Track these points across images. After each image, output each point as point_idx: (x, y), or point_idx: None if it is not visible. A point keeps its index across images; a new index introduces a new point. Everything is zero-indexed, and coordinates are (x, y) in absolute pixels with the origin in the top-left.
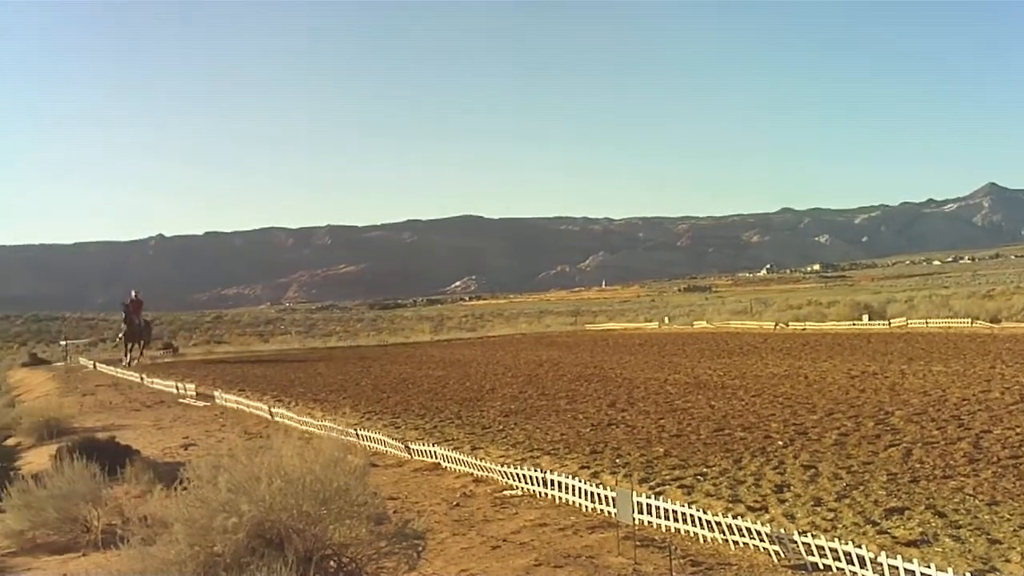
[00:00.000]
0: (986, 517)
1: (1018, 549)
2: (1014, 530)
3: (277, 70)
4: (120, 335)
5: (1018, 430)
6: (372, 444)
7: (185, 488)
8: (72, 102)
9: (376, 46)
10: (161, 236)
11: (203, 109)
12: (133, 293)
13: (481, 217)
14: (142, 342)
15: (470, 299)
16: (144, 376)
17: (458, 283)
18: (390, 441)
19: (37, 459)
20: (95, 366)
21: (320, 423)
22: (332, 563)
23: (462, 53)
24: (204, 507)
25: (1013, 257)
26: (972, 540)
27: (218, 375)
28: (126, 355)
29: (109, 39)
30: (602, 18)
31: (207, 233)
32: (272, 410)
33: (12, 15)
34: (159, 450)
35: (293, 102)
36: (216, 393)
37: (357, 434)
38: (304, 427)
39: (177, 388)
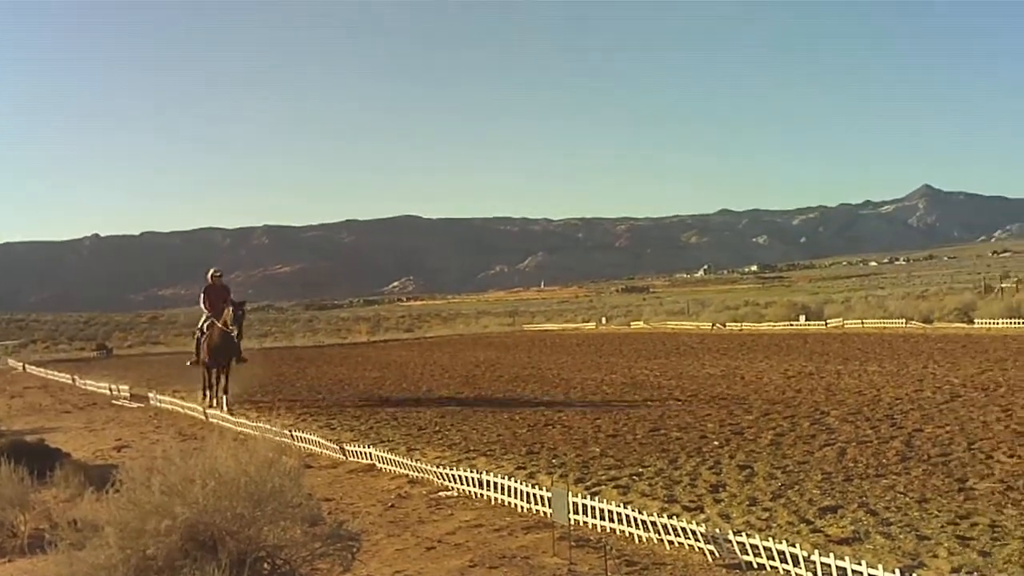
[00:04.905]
0: (916, 514)
1: (945, 545)
2: (942, 526)
3: (211, 68)
4: (197, 355)
5: (948, 429)
6: (307, 445)
7: (117, 491)
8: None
9: (309, 45)
10: (96, 236)
11: (138, 107)
12: (214, 274)
13: (419, 217)
14: (229, 367)
15: (408, 299)
16: (76, 377)
17: (396, 283)
18: (325, 442)
19: None
20: (24, 368)
21: (255, 424)
22: (266, 565)
23: (396, 54)
24: (136, 510)
25: (946, 258)
26: (902, 537)
27: (153, 376)
28: (207, 389)
29: (37, 32)
30: (531, 14)
31: (143, 233)
32: (207, 411)
33: None
34: (90, 452)
35: (229, 101)
36: (150, 394)
37: (292, 435)
38: (239, 428)
39: (110, 389)
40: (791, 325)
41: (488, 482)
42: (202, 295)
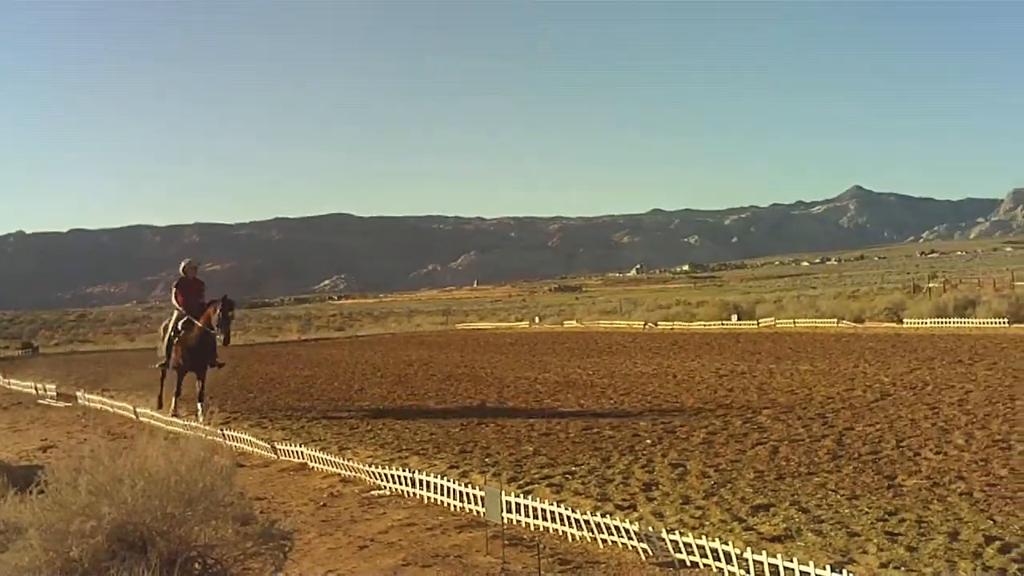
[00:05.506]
0: (846, 511)
1: (875, 541)
2: (872, 523)
3: (142, 66)
4: (163, 360)
5: (878, 427)
6: (238, 444)
7: (42, 492)
8: None
9: (240, 49)
10: (21, 233)
11: (65, 103)
12: (188, 266)
13: (351, 215)
14: (206, 372)
15: (339, 298)
16: (0, 376)
17: (327, 282)
18: (256, 441)
19: None
20: None
21: (185, 423)
22: (197, 565)
23: (325, 56)
24: (62, 511)
25: (876, 258)
26: (833, 534)
27: (81, 374)
28: (173, 396)
29: None
30: (470, 18)
31: (72, 230)
32: (137, 410)
33: None
34: (14, 453)
35: (159, 100)
36: (78, 393)
37: (223, 434)
38: (170, 427)
39: (36, 388)
40: (723, 324)
41: (421, 481)
42: (174, 290)
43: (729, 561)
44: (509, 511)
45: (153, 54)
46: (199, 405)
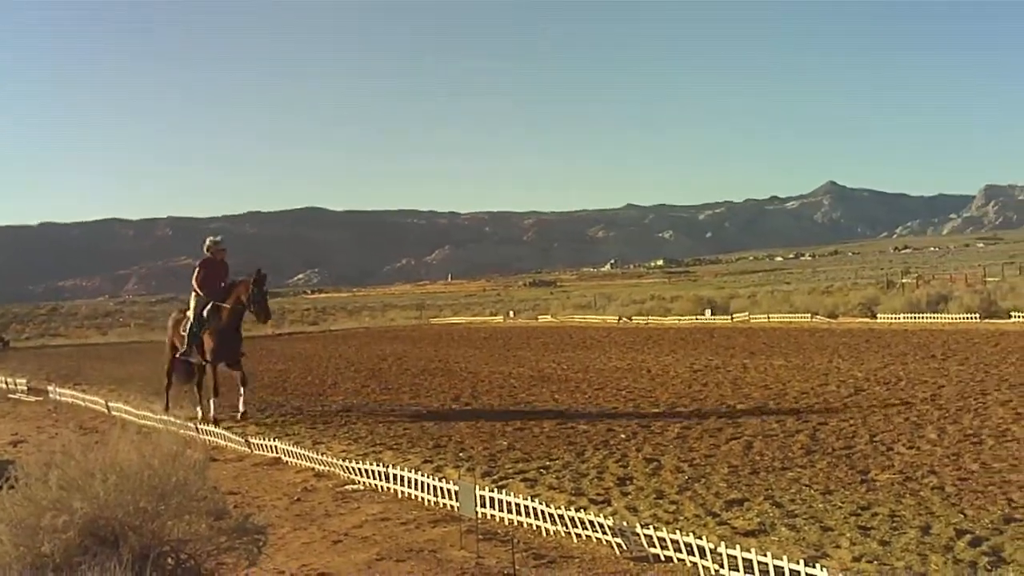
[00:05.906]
0: (820, 506)
1: (848, 535)
2: (845, 517)
3: (117, 62)
4: (190, 350)
5: (851, 422)
6: (212, 439)
7: (12, 487)
8: None
9: (211, 49)
10: None
11: (36, 95)
12: (215, 245)
13: (324, 209)
14: (240, 359)
15: (312, 292)
16: None
17: (300, 276)
18: (230, 436)
19: None
20: None
21: (159, 417)
22: (170, 560)
23: (295, 50)
24: (32, 506)
25: (850, 254)
26: (806, 528)
27: (52, 368)
28: (201, 400)
29: None
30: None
31: (42, 224)
32: (109, 404)
33: None
34: None
35: (132, 94)
36: (49, 387)
37: (197, 428)
38: (142, 421)
39: (6, 383)
40: (697, 319)
41: (395, 475)
42: (197, 271)
43: (703, 555)
44: (483, 506)
45: (153, 54)
46: (241, 396)
